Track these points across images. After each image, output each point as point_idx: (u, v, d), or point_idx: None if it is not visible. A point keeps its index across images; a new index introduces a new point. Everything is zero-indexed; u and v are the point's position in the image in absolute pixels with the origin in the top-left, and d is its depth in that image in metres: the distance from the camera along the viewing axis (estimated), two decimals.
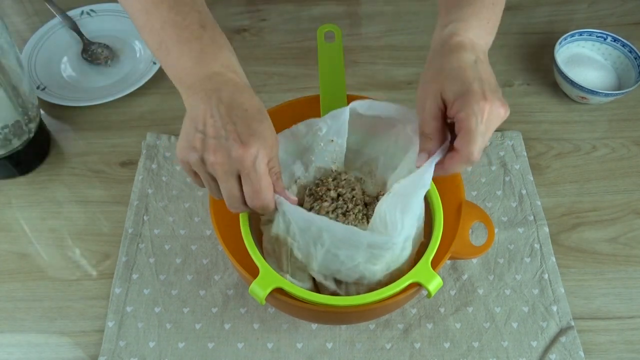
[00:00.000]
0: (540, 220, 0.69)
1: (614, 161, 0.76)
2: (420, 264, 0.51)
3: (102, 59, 0.86)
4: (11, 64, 0.65)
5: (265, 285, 0.49)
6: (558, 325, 0.62)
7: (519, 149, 0.76)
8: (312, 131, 0.56)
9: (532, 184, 0.73)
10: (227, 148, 0.44)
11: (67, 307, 0.63)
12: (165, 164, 0.74)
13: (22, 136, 0.70)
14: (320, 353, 0.60)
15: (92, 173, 0.75)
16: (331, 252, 0.50)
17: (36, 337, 0.62)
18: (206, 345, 0.61)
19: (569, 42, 0.84)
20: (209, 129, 0.44)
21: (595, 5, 0.96)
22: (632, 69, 0.81)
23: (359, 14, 0.96)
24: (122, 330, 0.61)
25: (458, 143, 0.47)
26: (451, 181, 0.58)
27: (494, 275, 0.65)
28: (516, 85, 0.85)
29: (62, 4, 0.92)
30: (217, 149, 0.44)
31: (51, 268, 0.66)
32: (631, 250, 0.68)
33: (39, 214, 0.71)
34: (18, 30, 0.92)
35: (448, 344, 0.61)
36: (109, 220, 0.70)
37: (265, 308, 0.63)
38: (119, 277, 0.65)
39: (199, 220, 0.70)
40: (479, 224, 0.67)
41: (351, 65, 0.87)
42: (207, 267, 0.66)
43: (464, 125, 0.46)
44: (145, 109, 0.81)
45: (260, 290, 0.49)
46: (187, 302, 0.63)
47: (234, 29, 0.92)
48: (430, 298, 0.54)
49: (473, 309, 0.63)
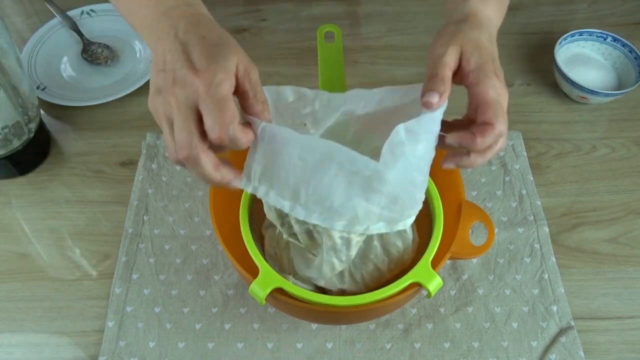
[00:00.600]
0: (540, 220, 0.69)
1: (614, 161, 0.76)
2: (420, 263, 0.51)
3: (102, 59, 0.86)
4: (11, 64, 0.65)
5: (265, 285, 0.49)
6: (558, 325, 0.62)
7: (519, 149, 0.76)
8: (295, 103, 0.50)
9: (532, 184, 0.73)
10: (182, 77, 0.40)
11: (67, 307, 0.63)
12: (165, 164, 0.74)
13: (22, 136, 0.70)
14: (320, 353, 0.60)
15: (92, 173, 0.75)
16: (325, 181, 0.44)
17: (36, 337, 0.62)
18: (206, 345, 0.61)
19: (569, 42, 0.84)
20: (167, 65, 0.41)
21: (595, 5, 0.96)
22: (632, 69, 0.81)
23: (359, 14, 0.96)
24: (122, 330, 0.61)
25: (485, 116, 0.46)
26: (451, 181, 0.58)
27: (494, 275, 0.65)
28: (516, 85, 0.85)
29: (62, 4, 0.92)
30: (174, 82, 0.40)
31: (51, 268, 0.66)
32: (631, 250, 0.68)
33: (39, 214, 0.71)
34: (18, 30, 0.92)
35: (448, 344, 0.61)
36: (109, 220, 0.70)
37: (265, 308, 0.63)
38: (119, 277, 0.65)
39: (199, 220, 0.70)
40: (479, 224, 0.67)
41: (351, 65, 0.87)
42: (207, 267, 0.66)
43: (488, 99, 0.45)
44: (145, 109, 0.81)
45: (260, 290, 0.49)
46: (187, 302, 0.63)
47: (234, 29, 0.92)
48: (430, 298, 0.54)
49: (473, 309, 0.63)
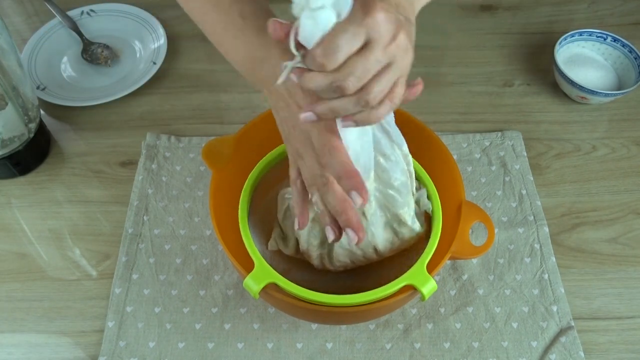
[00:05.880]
0: (540, 220, 0.69)
1: (614, 161, 0.76)
2: (416, 266, 0.51)
3: (102, 59, 0.86)
4: (11, 64, 0.65)
5: (259, 280, 0.49)
6: (558, 325, 0.62)
7: (519, 149, 0.76)
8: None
9: (532, 184, 0.73)
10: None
11: (67, 307, 0.63)
12: (165, 164, 0.74)
13: (22, 136, 0.70)
14: (320, 353, 0.60)
15: (92, 173, 0.75)
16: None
17: (36, 337, 0.62)
18: (206, 345, 0.61)
19: (569, 42, 0.84)
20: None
21: (595, 5, 0.96)
22: (632, 69, 0.81)
23: None
24: (122, 330, 0.61)
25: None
26: (451, 181, 0.58)
27: (494, 275, 0.65)
28: (516, 85, 0.85)
29: (62, 4, 0.92)
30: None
31: (51, 268, 0.66)
32: (631, 250, 0.68)
33: (39, 214, 0.71)
34: (18, 30, 0.92)
35: (448, 344, 0.61)
36: (109, 220, 0.70)
37: (265, 308, 0.63)
38: (119, 277, 0.65)
39: (199, 220, 0.70)
40: (479, 224, 0.67)
41: None
42: (207, 267, 0.66)
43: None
44: (145, 109, 0.81)
45: (254, 284, 0.49)
46: (187, 302, 0.63)
47: None
48: (424, 301, 0.55)
49: (473, 309, 0.63)
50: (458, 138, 0.77)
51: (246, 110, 0.81)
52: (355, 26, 0.36)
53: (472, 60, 0.88)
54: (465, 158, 0.75)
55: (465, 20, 0.94)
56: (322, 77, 0.37)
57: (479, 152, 0.76)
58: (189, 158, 0.75)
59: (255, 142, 0.61)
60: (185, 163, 0.75)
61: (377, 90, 0.39)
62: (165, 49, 0.86)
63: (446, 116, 0.81)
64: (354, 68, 0.37)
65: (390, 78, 0.39)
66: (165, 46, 0.86)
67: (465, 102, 0.83)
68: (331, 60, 0.36)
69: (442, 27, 0.93)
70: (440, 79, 0.85)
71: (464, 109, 0.82)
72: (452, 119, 0.80)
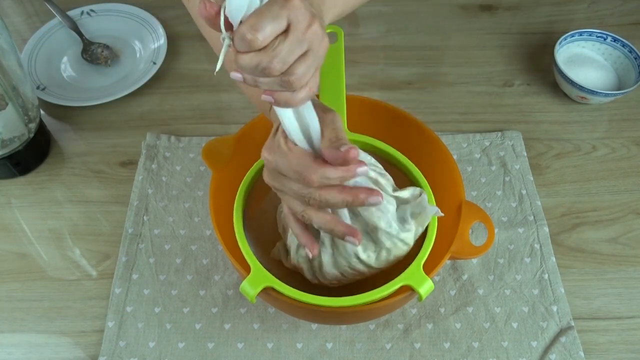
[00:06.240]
0: (540, 220, 0.69)
1: (614, 161, 0.76)
2: (412, 267, 0.51)
3: (102, 59, 0.86)
4: (11, 64, 0.65)
5: (255, 284, 0.49)
6: (558, 325, 0.62)
7: (519, 149, 0.76)
8: None
9: (532, 184, 0.73)
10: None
11: (67, 307, 0.63)
12: (165, 164, 0.74)
13: (22, 136, 0.70)
14: (320, 353, 0.60)
15: (92, 173, 0.75)
16: None
17: (36, 337, 0.62)
18: (206, 345, 0.61)
19: (569, 42, 0.84)
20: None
21: (595, 5, 0.96)
22: (632, 69, 0.81)
23: (358, 14, 0.96)
24: (122, 330, 0.61)
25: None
26: (451, 181, 0.58)
27: (494, 275, 0.65)
28: (516, 85, 0.85)
29: (62, 4, 0.92)
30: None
31: (51, 268, 0.66)
32: (631, 250, 0.68)
33: (39, 214, 0.71)
34: (18, 30, 0.92)
35: (448, 344, 0.61)
36: (109, 220, 0.70)
37: (265, 308, 0.63)
38: (119, 277, 0.65)
39: (199, 220, 0.70)
40: (479, 224, 0.67)
41: (350, 65, 0.87)
42: (207, 267, 0.66)
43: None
44: (145, 109, 0.81)
45: (250, 288, 0.49)
46: (187, 302, 0.63)
47: None
48: (422, 301, 0.54)
49: (473, 309, 0.63)
50: (458, 138, 0.77)
51: (246, 110, 0.81)
52: (278, 8, 0.38)
53: (472, 60, 0.88)
54: (465, 158, 0.75)
55: (465, 20, 0.94)
56: (250, 57, 0.39)
57: (479, 152, 0.76)
58: (189, 158, 0.75)
59: (255, 142, 0.61)
60: (185, 163, 0.75)
61: (299, 73, 0.40)
62: (165, 49, 0.86)
63: (446, 116, 0.81)
64: (279, 49, 0.38)
65: (311, 64, 0.41)
66: (165, 46, 0.86)
67: (465, 102, 0.83)
68: (257, 37, 0.37)
69: (442, 27, 0.93)
70: (440, 79, 0.85)
71: (464, 109, 0.82)
72: (452, 119, 0.80)
